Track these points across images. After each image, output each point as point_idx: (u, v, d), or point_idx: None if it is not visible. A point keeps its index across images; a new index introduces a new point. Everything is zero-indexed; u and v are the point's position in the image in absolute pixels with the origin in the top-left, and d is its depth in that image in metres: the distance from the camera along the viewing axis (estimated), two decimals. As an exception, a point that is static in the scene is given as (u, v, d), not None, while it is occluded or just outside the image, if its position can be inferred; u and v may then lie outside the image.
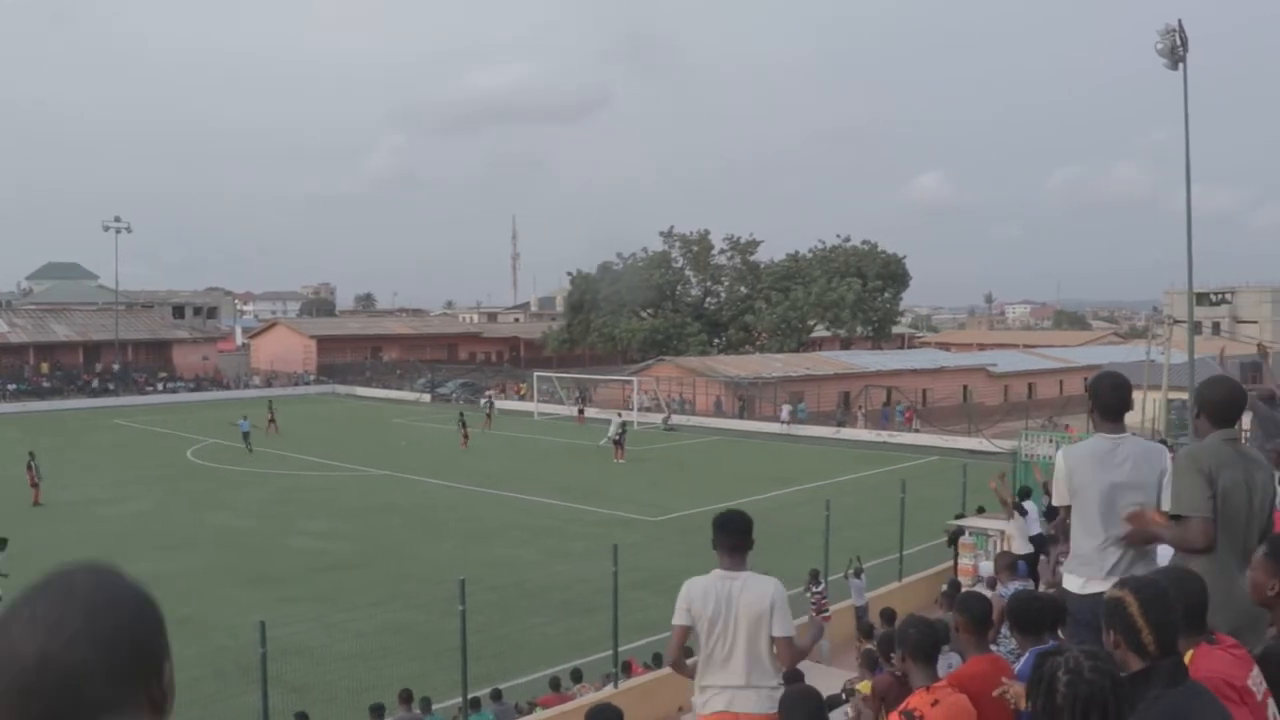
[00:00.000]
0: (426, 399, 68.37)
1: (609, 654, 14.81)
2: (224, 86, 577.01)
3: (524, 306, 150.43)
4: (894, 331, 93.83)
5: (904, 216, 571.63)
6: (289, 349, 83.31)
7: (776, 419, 51.86)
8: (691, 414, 56.14)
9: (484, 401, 58.82)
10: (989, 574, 14.16)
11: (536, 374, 63.14)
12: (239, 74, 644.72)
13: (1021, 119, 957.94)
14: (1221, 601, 3.76)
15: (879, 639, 9.51)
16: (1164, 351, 39.47)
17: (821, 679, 8.36)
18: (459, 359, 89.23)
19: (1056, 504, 5.14)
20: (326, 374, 79.87)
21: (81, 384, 69.14)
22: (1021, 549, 13.64)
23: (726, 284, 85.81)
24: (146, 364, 74.72)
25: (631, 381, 58.07)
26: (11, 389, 65.61)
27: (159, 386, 71.25)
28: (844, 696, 8.66)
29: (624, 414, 49.17)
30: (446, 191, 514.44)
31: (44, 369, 70.11)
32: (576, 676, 14.80)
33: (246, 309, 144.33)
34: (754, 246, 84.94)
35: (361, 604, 19.32)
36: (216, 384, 74.33)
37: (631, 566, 16.97)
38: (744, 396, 57.53)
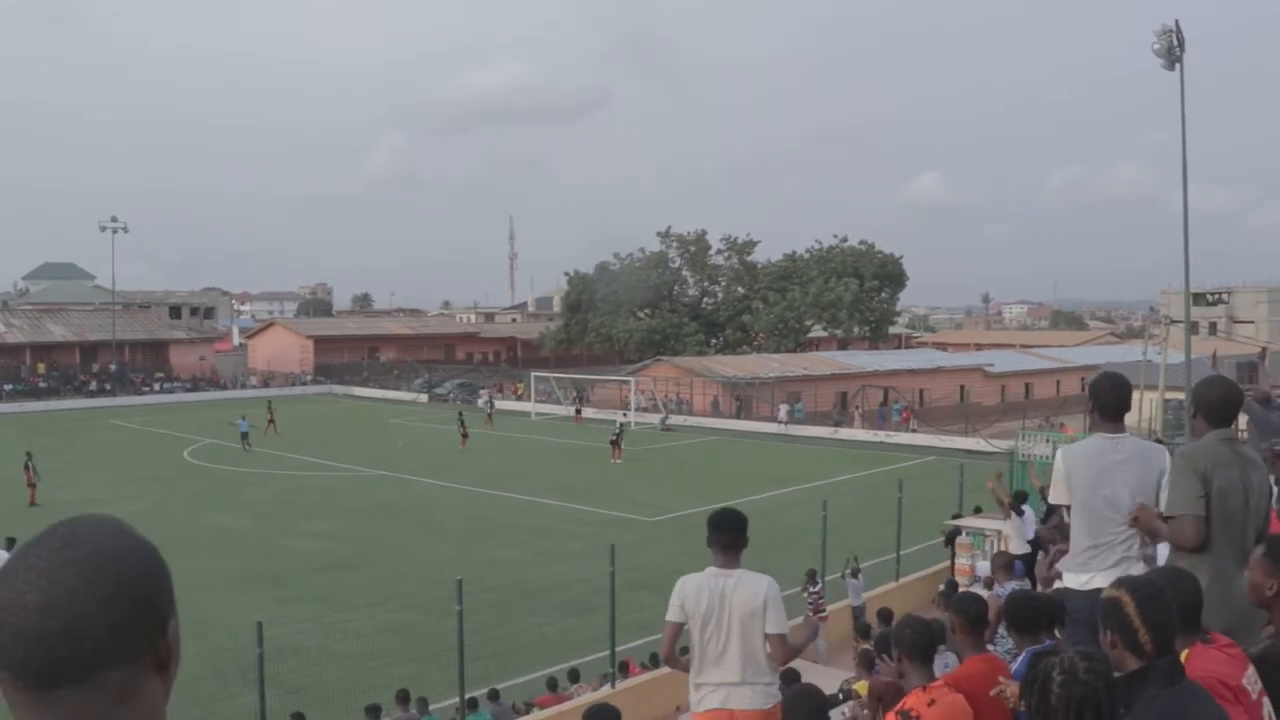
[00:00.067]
0: (424, 399, 68.38)
1: (606, 654, 14.84)
2: (221, 86, 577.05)
3: (521, 307, 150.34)
4: (891, 332, 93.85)
5: (901, 216, 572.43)
6: (286, 349, 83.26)
7: (774, 419, 51.88)
8: (689, 414, 56.15)
9: (484, 401, 58.90)
10: (986, 574, 14.17)
11: (534, 374, 63.16)
12: (236, 74, 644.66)
13: (1019, 119, 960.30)
14: (1217, 601, 3.78)
15: (876, 639, 9.54)
16: (1161, 352, 39.50)
17: (818, 679, 8.36)
18: (456, 359, 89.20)
19: (1055, 502, 5.15)
20: (324, 374, 79.84)
21: (78, 384, 69.05)
22: (1018, 549, 13.65)
23: (724, 284, 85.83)
24: (143, 364, 74.66)
25: (629, 382, 58.09)
26: (8, 389, 65.49)
27: (156, 387, 71.19)
28: (841, 696, 8.68)
29: (628, 414, 49.32)
30: (444, 192, 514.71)
31: (40, 369, 70.01)
32: (574, 677, 14.81)
33: (243, 309, 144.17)
34: (751, 247, 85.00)
35: (359, 604, 19.32)
36: (213, 384, 74.27)
37: (629, 566, 16.98)
38: (741, 396, 57.55)
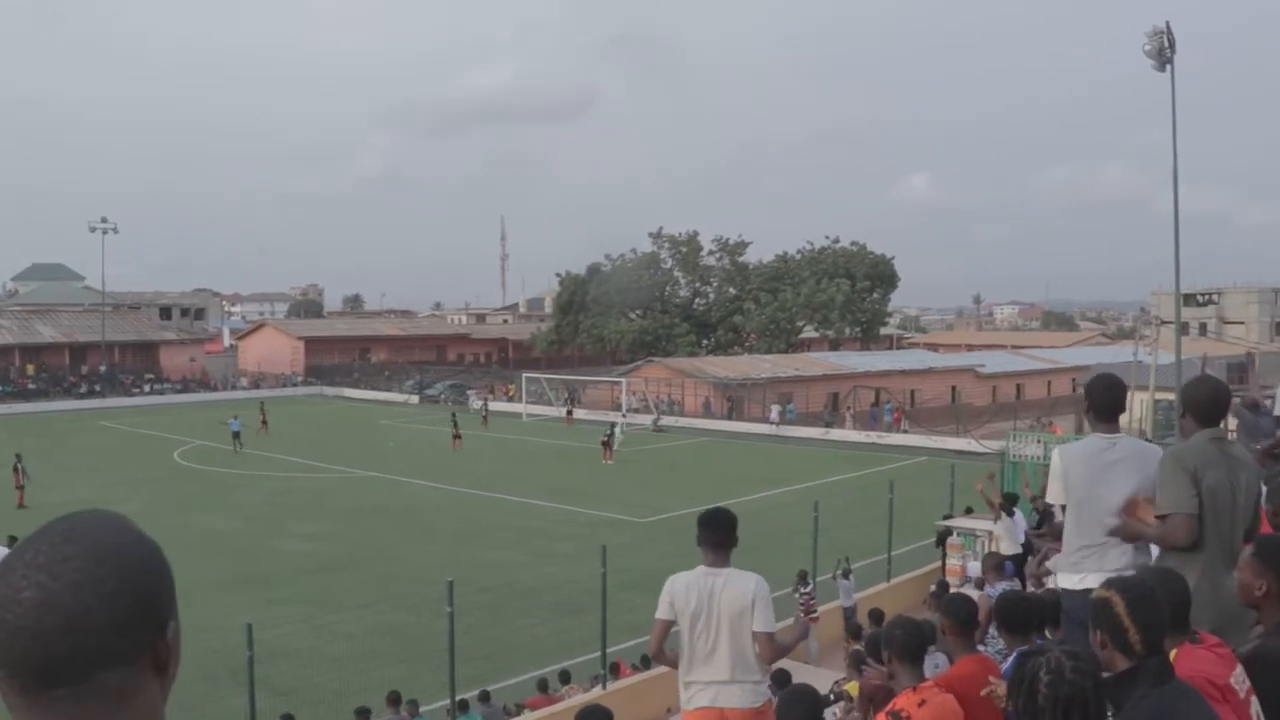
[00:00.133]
0: (415, 400, 68.30)
1: (597, 655, 14.82)
2: (214, 87, 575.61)
3: (513, 308, 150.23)
4: (882, 332, 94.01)
5: (893, 217, 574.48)
6: (277, 350, 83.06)
7: (765, 420, 51.92)
8: (680, 415, 56.17)
9: (480, 403, 58.84)
10: (977, 574, 14.20)
11: (525, 375, 63.10)
12: (228, 74, 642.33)
13: (1011, 120, 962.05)
14: (1206, 600, 3.79)
15: (867, 640, 9.55)
16: (1151, 352, 39.67)
17: (810, 680, 8.35)
18: (447, 360, 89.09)
19: (1051, 502, 5.17)
20: (314, 375, 79.68)
21: (68, 385, 68.75)
22: (1009, 550, 13.68)
23: (715, 285, 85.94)
24: (133, 365, 74.39)
25: (620, 382, 58.07)
26: (-3, 391, 65.27)
27: (146, 388, 70.91)
28: (832, 698, 8.67)
29: (625, 417, 49.37)
30: (436, 192, 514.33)
31: (30, 370, 69.71)
32: (565, 678, 14.78)
33: (234, 310, 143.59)
34: (743, 248, 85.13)
35: (350, 606, 19.26)
36: (204, 385, 74.06)
37: (620, 568, 16.95)
38: (733, 397, 57.60)
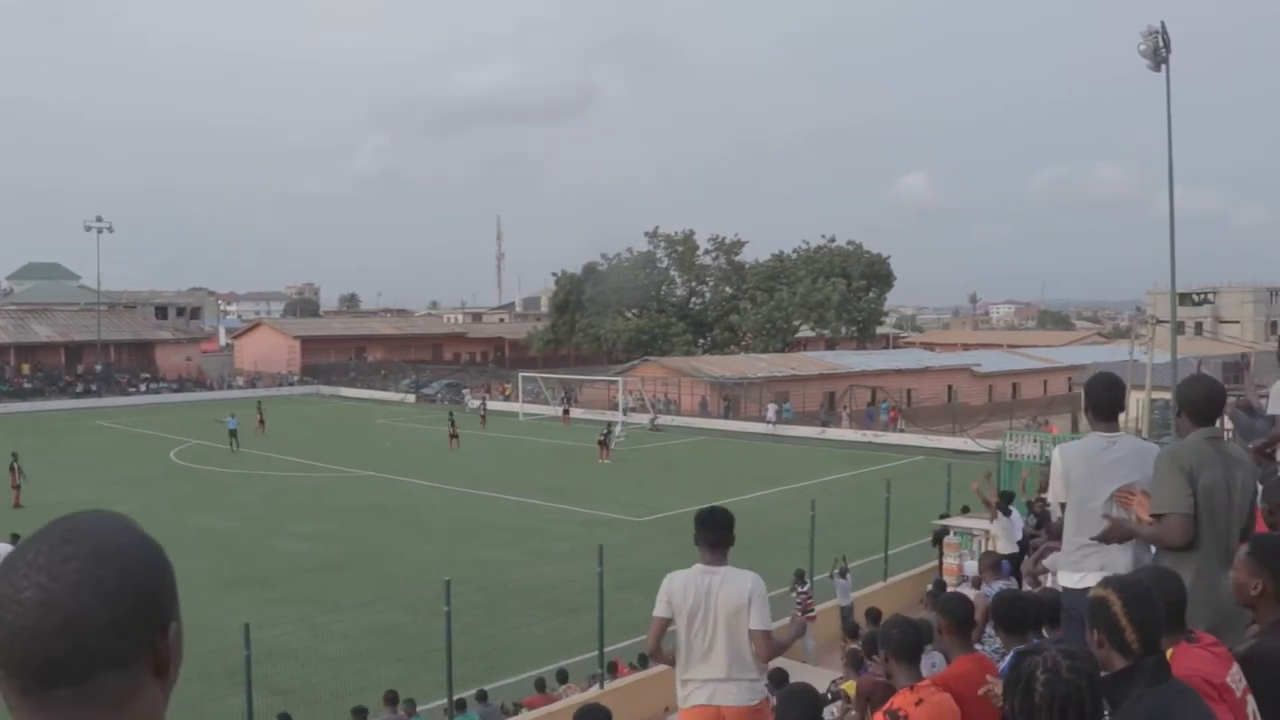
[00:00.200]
0: (411, 400, 68.24)
1: (595, 654, 14.83)
2: (214, 87, 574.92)
3: (509, 307, 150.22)
4: (878, 332, 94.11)
5: (891, 217, 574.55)
6: (273, 349, 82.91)
7: (762, 419, 51.94)
8: (677, 414, 56.17)
9: (478, 402, 58.80)
10: (974, 573, 14.23)
11: (521, 374, 63.06)
12: (228, 74, 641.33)
13: (1008, 120, 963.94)
14: (1202, 599, 3.80)
15: (864, 639, 9.56)
16: (1147, 351, 39.71)
17: (807, 679, 8.37)
18: (444, 359, 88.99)
19: (1052, 500, 5.20)
20: (311, 374, 79.54)
21: (63, 385, 68.63)
22: (1006, 549, 13.69)
23: (711, 284, 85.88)
24: (129, 365, 74.24)
25: (617, 382, 58.06)
26: (-8, 390, 65.15)
27: (142, 387, 70.80)
28: (829, 697, 8.69)
29: (624, 418, 49.34)
30: (432, 192, 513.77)
31: (25, 370, 69.57)
32: (562, 677, 14.79)
33: (230, 309, 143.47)
34: (739, 247, 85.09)
35: (347, 605, 19.25)
36: (200, 385, 73.93)
37: (617, 567, 16.98)
38: (729, 397, 57.61)
